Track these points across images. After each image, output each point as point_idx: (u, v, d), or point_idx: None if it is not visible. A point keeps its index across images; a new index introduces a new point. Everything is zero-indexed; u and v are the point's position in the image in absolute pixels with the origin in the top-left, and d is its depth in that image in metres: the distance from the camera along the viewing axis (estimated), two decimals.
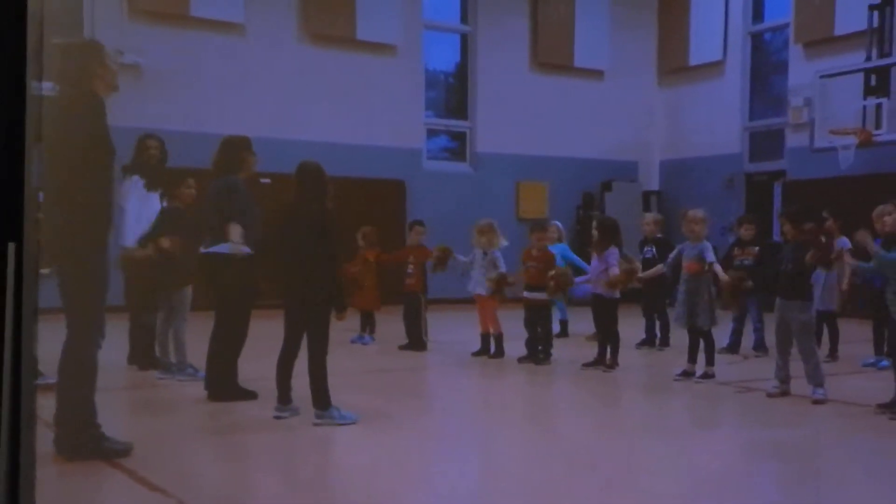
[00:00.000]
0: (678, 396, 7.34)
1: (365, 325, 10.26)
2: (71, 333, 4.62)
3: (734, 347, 9.35)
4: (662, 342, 9.81)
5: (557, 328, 10.24)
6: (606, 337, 8.35)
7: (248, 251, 6.29)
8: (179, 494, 4.13)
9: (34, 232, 2.17)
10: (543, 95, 16.97)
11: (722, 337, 8.90)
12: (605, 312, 8.34)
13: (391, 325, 10.17)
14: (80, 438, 4.63)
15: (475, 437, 5.97)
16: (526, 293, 8.68)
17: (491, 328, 9.08)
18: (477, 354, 9.12)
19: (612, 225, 8.55)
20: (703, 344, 7.68)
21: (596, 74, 17.69)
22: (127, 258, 7.36)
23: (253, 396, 6.43)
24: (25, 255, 2.13)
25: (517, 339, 8.78)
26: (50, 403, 4.55)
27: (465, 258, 9.29)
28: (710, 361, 7.67)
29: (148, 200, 7.43)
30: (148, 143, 7.64)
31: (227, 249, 6.27)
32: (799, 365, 6.79)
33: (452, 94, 17.55)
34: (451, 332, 10.94)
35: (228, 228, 6.28)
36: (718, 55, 17.17)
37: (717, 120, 17.08)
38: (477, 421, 6.56)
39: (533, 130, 16.80)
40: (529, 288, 8.65)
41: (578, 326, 10.50)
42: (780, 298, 6.84)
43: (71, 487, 4.32)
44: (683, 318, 7.65)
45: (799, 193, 14.03)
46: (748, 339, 9.40)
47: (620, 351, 8.35)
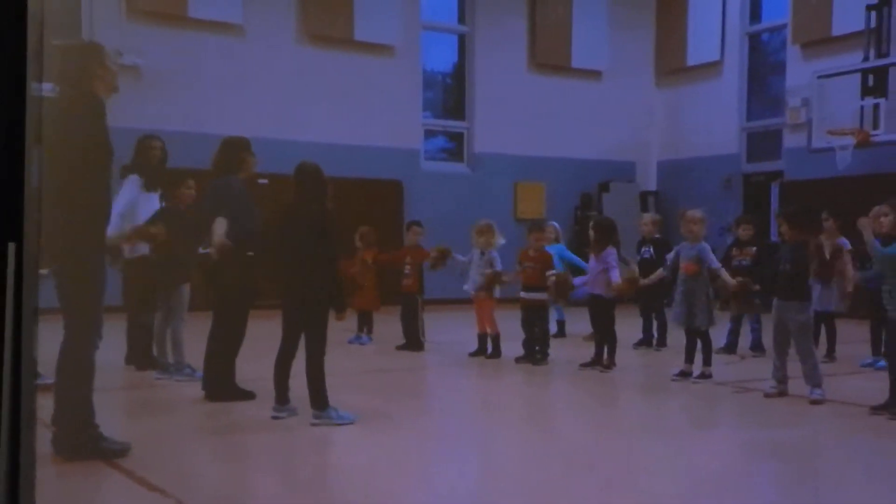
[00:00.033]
0: (676, 397, 7.34)
1: (362, 325, 10.27)
2: (68, 334, 4.62)
3: (732, 348, 9.35)
4: (660, 342, 9.81)
5: (555, 328, 10.26)
6: (604, 337, 8.35)
7: (229, 243, 6.25)
8: (178, 494, 4.13)
9: (34, 232, 2.17)
10: (541, 96, 16.97)
11: (719, 337, 8.92)
12: (602, 312, 8.34)
13: (389, 325, 10.17)
14: (78, 439, 4.63)
15: (473, 437, 5.97)
16: (523, 293, 8.68)
17: (488, 328, 9.08)
18: (474, 355, 9.12)
19: (608, 225, 8.55)
20: (700, 344, 7.69)
21: (594, 75, 17.70)
22: (113, 247, 7.27)
23: (251, 397, 6.43)
24: (25, 255, 2.13)
25: (514, 339, 8.78)
26: (48, 404, 4.55)
27: (463, 258, 9.30)
28: (707, 362, 7.67)
29: (148, 201, 7.42)
30: (152, 143, 7.64)
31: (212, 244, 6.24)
32: (796, 365, 6.79)
33: (450, 94, 17.55)
34: (448, 332, 10.95)
35: (214, 222, 6.27)
36: (716, 56, 17.18)
37: (714, 120, 17.10)
38: (475, 421, 6.56)
39: (531, 131, 16.80)
40: (527, 288, 8.65)
41: (575, 327, 10.50)
42: (777, 299, 6.84)
43: (69, 487, 4.32)
44: (681, 318, 7.66)
45: (796, 194, 14.04)
46: (745, 339, 9.41)
47: (618, 351, 8.35)
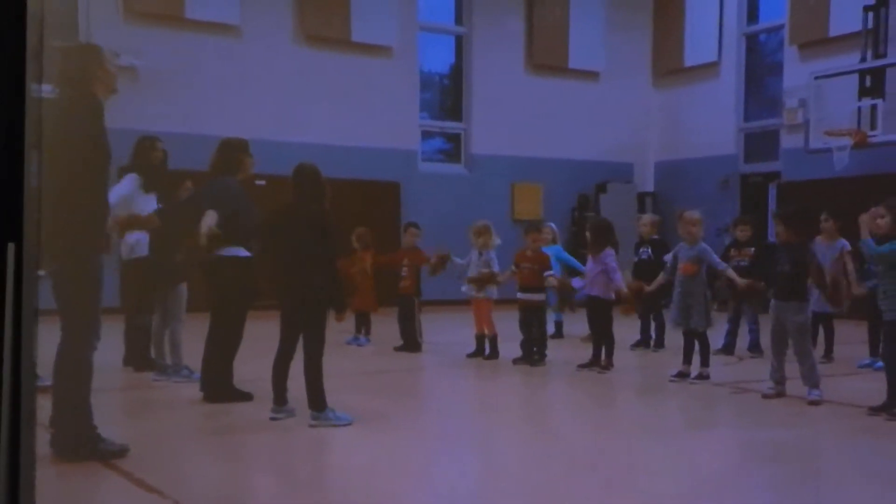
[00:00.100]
0: (674, 397, 7.35)
1: (360, 326, 10.27)
2: (66, 335, 4.60)
3: (729, 349, 9.36)
4: (657, 343, 9.81)
5: (552, 329, 10.26)
6: (601, 338, 8.34)
7: (217, 231, 6.22)
8: (176, 495, 4.13)
9: (34, 232, 2.16)
10: (538, 97, 16.97)
11: (717, 338, 8.92)
12: (599, 313, 8.33)
13: (386, 326, 10.17)
14: (76, 440, 4.62)
15: (473, 437, 5.97)
16: (520, 294, 8.68)
17: (486, 329, 9.07)
18: (472, 356, 9.12)
19: (605, 226, 8.54)
20: (698, 345, 7.69)
21: (591, 76, 17.70)
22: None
23: (248, 398, 6.42)
24: (25, 255, 2.13)
25: (512, 340, 8.78)
26: (46, 405, 4.54)
27: (461, 261, 9.29)
28: (705, 362, 7.67)
29: (146, 202, 7.40)
30: (154, 143, 7.63)
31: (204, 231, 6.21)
32: (794, 366, 6.80)
33: (447, 95, 17.56)
34: (446, 333, 10.95)
35: (204, 214, 6.25)
36: (713, 56, 17.19)
37: (712, 121, 17.10)
38: (474, 422, 6.56)
39: (528, 132, 16.80)
40: (524, 289, 8.65)
41: (573, 328, 10.50)
42: (775, 300, 6.85)
43: (68, 489, 4.31)
44: (678, 319, 7.67)
45: (794, 195, 14.04)
46: (743, 340, 9.41)
47: (615, 352, 8.35)
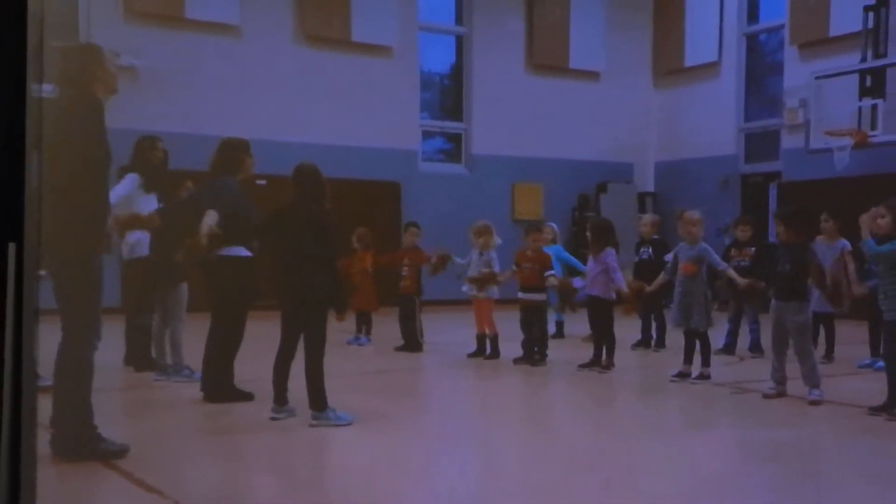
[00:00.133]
0: (674, 397, 7.34)
1: (361, 326, 10.27)
2: (66, 335, 4.60)
3: (730, 348, 9.35)
4: (658, 343, 9.81)
5: (553, 329, 10.26)
6: (602, 338, 8.34)
7: (217, 230, 6.22)
8: (176, 495, 4.13)
9: (34, 232, 2.16)
10: (539, 97, 16.96)
11: (718, 338, 8.92)
12: (600, 313, 8.33)
13: (387, 326, 10.17)
14: (77, 440, 4.62)
15: (473, 437, 5.97)
16: (521, 294, 8.67)
17: (487, 329, 9.07)
18: (473, 355, 9.12)
19: (605, 226, 8.54)
20: (699, 345, 7.69)
21: (591, 76, 17.69)
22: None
23: (249, 398, 6.42)
24: (26, 255, 2.13)
25: (513, 340, 8.78)
26: (46, 405, 4.54)
27: (462, 261, 9.29)
28: (705, 362, 7.66)
29: (146, 202, 7.40)
30: (154, 143, 7.62)
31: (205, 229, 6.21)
32: (795, 366, 6.79)
33: (448, 95, 17.55)
34: (446, 333, 10.94)
35: (204, 214, 6.24)
36: (714, 56, 17.19)
37: (712, 121, 17.09)
38: (474, 422, 6.56)
39: (528, 132, 16.79)
40: (525, 289, 8.64)
41: (574, 327, 10.49)
42: (776, 300, 6.84)
43: (69, 488, 4.31)
44: (679, 319, 7.66)
45: (794, 195, 14.04)
46: (744, 340, 9.41)
47: (616, 352, 8.35)
